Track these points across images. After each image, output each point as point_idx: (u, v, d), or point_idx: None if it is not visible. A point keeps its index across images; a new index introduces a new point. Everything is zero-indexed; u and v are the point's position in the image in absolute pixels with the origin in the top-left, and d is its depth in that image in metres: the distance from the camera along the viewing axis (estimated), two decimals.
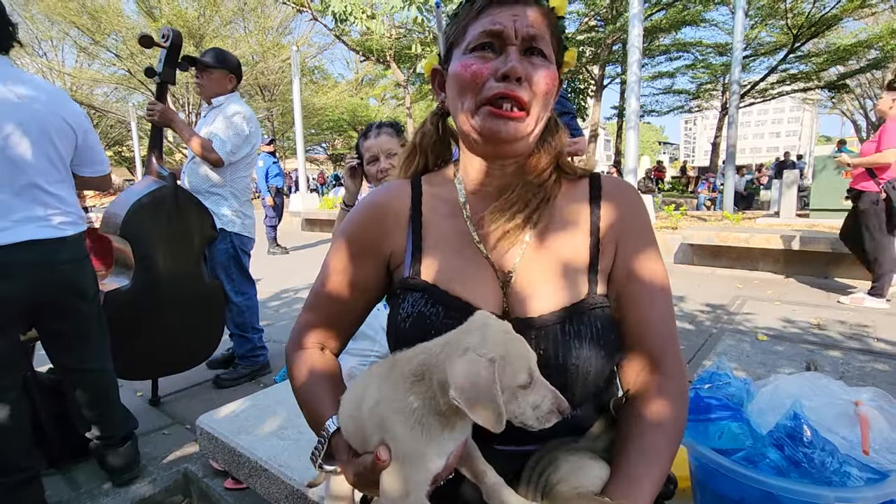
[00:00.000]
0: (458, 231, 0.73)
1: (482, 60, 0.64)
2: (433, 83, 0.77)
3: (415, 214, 0.75)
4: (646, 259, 0.71)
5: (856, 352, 2.83)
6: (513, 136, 0.65)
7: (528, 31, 0.64)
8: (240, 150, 2.55)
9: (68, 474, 1.84)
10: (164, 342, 2.26)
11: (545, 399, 0.56)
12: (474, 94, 0.65)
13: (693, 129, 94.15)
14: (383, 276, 0.77)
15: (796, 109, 63.12)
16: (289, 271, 5.83)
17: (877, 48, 16.02)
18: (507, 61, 0.63)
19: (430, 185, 0.78)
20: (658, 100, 23.50)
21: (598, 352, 0.66)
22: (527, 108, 0.64)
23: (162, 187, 2.18)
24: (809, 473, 0.86)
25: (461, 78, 0.65)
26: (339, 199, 10.57)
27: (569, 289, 0.68)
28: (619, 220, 0.72)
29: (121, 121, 21.73)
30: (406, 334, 0.69)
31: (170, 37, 2.25)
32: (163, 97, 2.38)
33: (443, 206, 0.75)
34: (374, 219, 0.76)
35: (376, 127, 1.87)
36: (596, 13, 16.13)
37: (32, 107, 1.49)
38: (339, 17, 9.89)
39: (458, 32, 0.69)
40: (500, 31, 0.64)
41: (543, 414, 0.56)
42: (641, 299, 0.69)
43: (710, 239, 5.18)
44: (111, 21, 18.08)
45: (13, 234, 1.43)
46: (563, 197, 0.73)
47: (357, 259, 0.76)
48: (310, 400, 0.72)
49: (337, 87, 25.88)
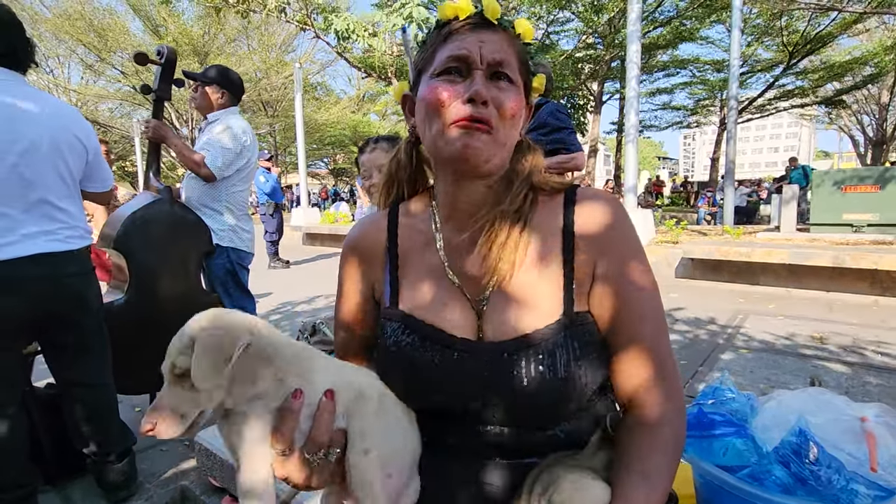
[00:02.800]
0: (432, 260, 0.74)
1: (449, 84, 0.66)
2: (404, 108, 0.79)
3: (391, 246, 0.77)
4: (630, 269, 0.68)
5: (859, 367, 2.81)
6: (477, 155, 0.65)
7: (493, 56, 0.66)
8: (232, 165, 2.54)
9: (64, 492, 1.82)
10: (161, 356, 2.23)
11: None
12: (441, 116, 0.66)
13: (692, 144, 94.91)
14: (375, 306, 0.79)
15: (794, 125, 63.71)
16: (290, 285, 5.82)
17: (871, 64, 16.25)
18: (473, 85, 0.64)
19: (405, 216, 0.79)
20: (657, 115, 23.77)
21: (577, 369, 0.64)
22: (492, 129, 0.65)
23: (157, 202, 2.19)
24: (816, 491, 0.85)
25: (428, 101, 0.67)
26: (340, 213, 10.62)
27: (544, 309, 0.67)
28: (595, 232, 0.70)
29: (125, 136, 21.97)
30: (389, 362, 0.71)
31: (164, 54, 2.29)
32: (159, 113, 2.41)
33: (418, 237, 0.76)
34: (353, 259, 0.80)
35: (373, 142, 1.89)
36: (594, 31, 16.38)
37: (46, 124, 1.51)
38: (342, 34, 10.06)
39: (426, 58, 0.71)
40: (466, 56, 0.65)
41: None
42: (631, 314, 0.67)
43: (711, 253, 5.18)
44: (117, 39, 18.42)
45: (21, 248, 1.45)
46: (538, 215, 0.72)
47: (351, 292, 0.80)
48: None
49: (339, 103, 26.24)
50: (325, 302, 4.90)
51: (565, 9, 15.52)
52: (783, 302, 4.45)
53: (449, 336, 0.68)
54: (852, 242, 5.38)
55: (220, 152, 2.48)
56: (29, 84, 1.57)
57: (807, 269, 4.77)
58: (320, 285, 5.68)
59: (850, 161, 26.93)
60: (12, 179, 1.44)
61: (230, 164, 2.53)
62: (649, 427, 0.65)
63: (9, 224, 1.43)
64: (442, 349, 0.67)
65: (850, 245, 5.17)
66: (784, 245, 5.19)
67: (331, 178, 34.99)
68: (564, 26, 17.82)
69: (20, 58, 1.52)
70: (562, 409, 0.67)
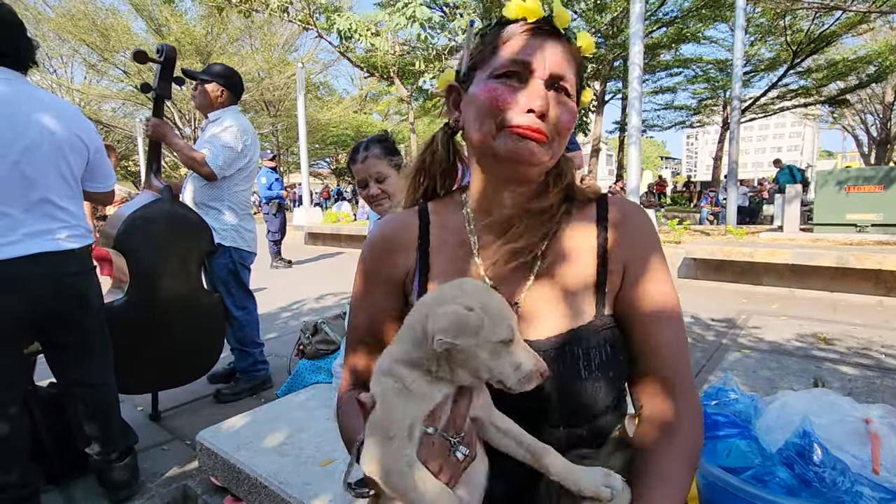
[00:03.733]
0: (466, 261, 0.73)
1: (508, 88, 0.64)
2: (447, 100, 0.76)
3: (422, 244, 0.76)
4: (655, 282, 0.71)
5: (863, 367, 2.79)
6: (531, 159, 0.65)
7: (556, 68, 0.64)
8: (234, 164, 2.54)
9: (66, 491, 1.82)
10: (162, 356, 2.24)
11: (527, 360, 0.56)
12: (497, 118, 0.65)
13: (695, 143, 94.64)
14: (404, 302, 0.78)
15: (797, 124, 63.42)
16: (292, 285, 5.83)
17: (875, 64, 16.16)
18: (535, 96, 0.63)
19: (437, 214, 0.78)
20: (659, 115, 23.69)
21: (606, 371, 0.67)
22: (548, 142, 0.65)
23: (157, 201, 2.19)
24: (820, 493, 0.85)
25: (485, 102, 0.65)
26: (342, 213, 10.62)
27: (576, 312, 0.69)
28: (625, 243, 0.72)
29: (127, 136, 22.03)
30: None
31: (164, 52, 2.28)
32: (159, 111, 2.41)
33: (450, 236, 0.76)
34: (384, 251, 0.78)
35: (363, 149, 1.75)
36: (597, 30, 16.35)
37: (47, 123, 1.51)
38: (344, 34, 10.06)
39: (484, 54, 0.68)
40: (530, 63, 0.64)
41: (524, 375, 0.56)
42: (652, 323, 0.69)
43: (714, 253, 5.16)
44: (120, 39, 18.45)
45: (21, 247, 1.45)
46: (572, 223, 0.73)
47: (376, 292, 0.78)
48: (344, 426, 0.76)
49: (341, 102, 26.23)
50: (328, 301, 4.90)
51: (568, 8, 15.47)
52: (786, 302, 4.44)
53: None
54: (856, 242, 5.35)
55: (221, 151, 2.47)
56: (31, 83, 1.57)
57: (810, 269, 4.75)
58: (322, 285, 5.68)
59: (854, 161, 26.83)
60: (13, 178, 1.44)
61: (231, 163, 2.52)
62: (666, 430, 0.66)
63: (10, 223, 1.43)
64: None
65: (854, 245, 5.14)
66: (787, 245, 5.16)
67: (333, 177, 35.02)
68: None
69: (22, 57, 1.52)
70: (592, 408, 0.68)
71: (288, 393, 2.17)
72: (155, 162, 2.37)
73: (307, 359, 2.35)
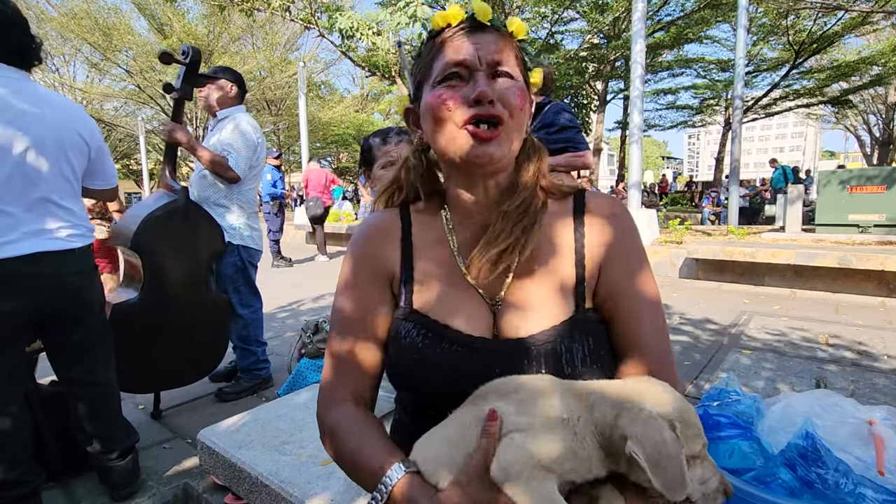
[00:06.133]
0: (446, 260, 0.74)
1: (452, 90, 0.66)
2: (408, 122, 0.80)
3: (405, 241, 0.77)
4: (634, 274, 0.71)
5: (866, 368, 2.79)
6: (490, 161, 0.67)
7: (491, 56, 0.67)
8: (253, 167, 2.59)
9: (67, 489, 1.82)
10: (169, 355, 2.25)
11: (714, 476, 0.52)
12: (449, 121, 0.66)
13: (696, 143, 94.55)
14: (392, 298, 0.77)
15: (800, 124, 63.28)
16: (293, 284, 5.83)
17: (879, 65, 16.10)
18: (477, 86, 0.65)
19: (417, 214, 0.80)
20: (661, 115, 23.66)
21: (591, 366, 0.67)
22: (503, 124, 0.66)
23: (174, 201, 2.19)
24: (823, 495, 0.84)
25: (434, 109, 0.67)
26: (343, 212, 10.62)
27: (558, 307, 0.69)
28: (603, 236, 0.72)
29: (129, 134, 22.05)
30: (403, 361, 0.71)
31: (189, 53, 2.24)
32: (179, 114, 2.37)
33: (430, 235, 0.77)
34: (373, 241, 0.78)
35: (396, 133, 1.84)
36: (599, 30, 16.32)
37: (49, 122, 1.51)
38: (346, 33, 10.06)
39: (424, 69, 0.72)
40: (465, 60, 0.66)
41: (710, 491, 0.51)
42: (632, 315, 0.70)
43: (716, 253, 5.15)
44: (122, 38, 18.45)
45: (21, 246, 1.44)
46: (548, 217, 0.74)
47: (364, 281, 0.76)
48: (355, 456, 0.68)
49: (343, 101, 26.21)
50: (328, 300, 4.90)
51: (570, 8, 15.46)
52: (788, 303, 4.43)
53: (465, 335, 0.69)
54: (858, 243, 5.35)
55: (244, 155, 2.51)
56: (34, 82, 1.57)
57: (812, 269, 4.74)
58: (323, 283, 5.68)
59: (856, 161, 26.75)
60: (15, 177, 1.44)
61: (255, 164, 2.58)
62: None
63: (11, 222, 1.43)
64: (458, 348, 0.68)
65: (856, 245, 5.14)
66: (789, 245, 5.16)
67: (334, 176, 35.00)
68: (569, 26, 17.76)
69: (25, 56, 1.52)
70: None
71: (289, 392, 2.17)
72: (170, 162, 2.36)
73: (308, 358, 2.35)
